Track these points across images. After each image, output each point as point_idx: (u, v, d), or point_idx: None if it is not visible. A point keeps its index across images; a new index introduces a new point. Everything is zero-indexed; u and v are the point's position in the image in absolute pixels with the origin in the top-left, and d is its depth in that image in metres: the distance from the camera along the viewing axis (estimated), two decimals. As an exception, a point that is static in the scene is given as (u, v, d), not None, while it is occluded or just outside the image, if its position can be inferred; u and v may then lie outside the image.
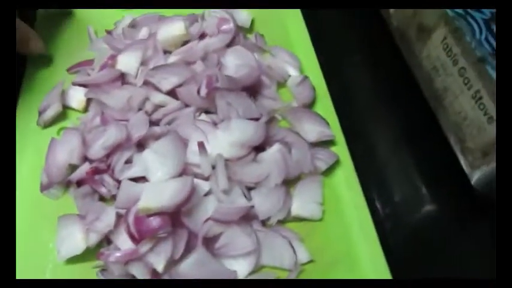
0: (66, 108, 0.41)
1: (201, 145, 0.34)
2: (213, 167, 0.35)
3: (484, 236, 0.38)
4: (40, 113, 0.40)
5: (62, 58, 0.46)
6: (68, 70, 0.44)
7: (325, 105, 0.43)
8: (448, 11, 0.35)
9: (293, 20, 0.51)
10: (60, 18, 0.49)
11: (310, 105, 0.43)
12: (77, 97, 0.41)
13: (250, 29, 0.50)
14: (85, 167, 0.35)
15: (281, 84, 0.45)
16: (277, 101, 0.43)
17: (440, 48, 0.37)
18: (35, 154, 0.38)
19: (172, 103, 0.38)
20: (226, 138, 0.36)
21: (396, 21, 0.45)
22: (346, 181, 0.38)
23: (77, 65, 0.44)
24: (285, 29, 0.50)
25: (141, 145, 0.36)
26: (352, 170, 0.39)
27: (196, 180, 0.34)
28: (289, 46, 0.48)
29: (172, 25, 0.43)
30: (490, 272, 0.32)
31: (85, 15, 0.50)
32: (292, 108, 0.42)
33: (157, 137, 0.36)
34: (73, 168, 0.36)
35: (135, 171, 0.34)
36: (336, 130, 0.41)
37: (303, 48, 0.48)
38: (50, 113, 0.39)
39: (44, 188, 0.36)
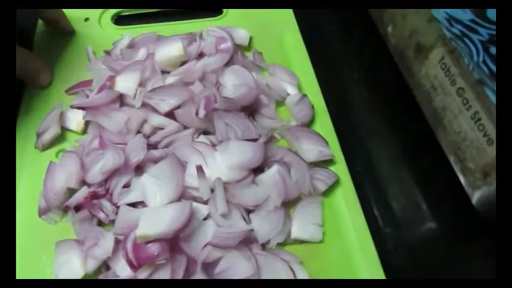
0: (64, 130, 0.41)
1: (199, 169, 0.34)
2: (212, 190, 0.35)
3: (485, 256, 0.38)
4: (38, 136, 0.40)
5: (61, 79, 0.46)
6: (66, 91, 0.44)
7: (324, 124, 0.43)
8: (445, 31, 0.35)
9: (291, 36, 0.51)
10: (59, 38, 0.50)
11: (309, 123, 0.43)
12: (75, 119, 0.41)
13: (249, 46, 0.50)
14: (83, 192, 0.35)
15: (279, 102, 0.45)
16: (275, 120, 0.42)
17: (438, 67, 0.37)
18: (33, 177, 0.38)
19: (171, 125, 0.38)
20: (224, 161, 0.36)
21: (394, 39, 0.45)
22: (346, 201, 0.38)
23: (75, 86, 0.44)
24: (282, 46, 0.50)
25: (139, 168, 0.36)
26: (352, 190, 0.39)
27: (195, 204, 0.33)
28: (288, 64, 0.48)
29: (170, 45, 0.43)
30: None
31: (84, 34, 0.50)
32: (291, 127, 0.42)
33: (155, 161, 0.36)
34: (71, 192, 0.36)
35: (133, 196, 0.33)
36: (335, 149, 0.41)
37: (301, 65, 0.48)
38: (48, 136, 0.39)
39: (42, 212, 0.35)
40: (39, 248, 0.34)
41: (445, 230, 0.40)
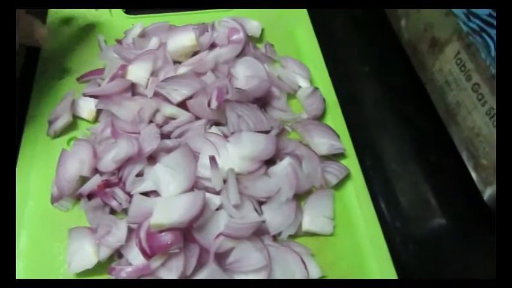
0: (75, 118, 0.41)
1: (212, 159, 0.34)
2: (224, 181, 0.35)
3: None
4: (50, 123, 0.40)
5: (72, 67, 0.46)
6: (77, 79, 0.44)
7: (335, 117, 0.43)
8: (462, 26, 0.34)
9: (303, 29, 0.51)
10: (70, 27, 0.49)
11: (320, 117, 0.43)
12: (87, 107, 0.41)
13: (260, 38, 0.49)
14: (96, 180, 0.35)
15: (291, 95, 0.44)
16: (287, 113, 0.42)
17: (453, 62, 0.36)
18: (44, 164, 0.38)
19: (183, 115, 0.38)
20: (237, 152, 0.36)
21: (407, 34, 0.44)
22: (357, 195, 0.38)
23: (86, 74, 0.44)
24: (294, 38, 0.50)
25: (152, 158, 0.36)
26: (362, 184, 0.39)
27: (207, 195, 0.33)
28: (299, 56, 0.48)
29: (183, 35, 0.43)
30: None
31: (95, 24, 0.50)
32: (302, 120, 0.42)
33: (168, 150, 0.36)
34: (84, 180, 0.36)
35: (146, 185, 0.33)
36: (346, 143, 0.41)
37: (312, 58, 0.48)
38: (59, 124, 0.39)
39: (54, 199, 0.35)
40: (51, 235, 0.34)
41: (455, 226, 0.40)
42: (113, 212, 0.35)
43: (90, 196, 0.34)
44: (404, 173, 0.43)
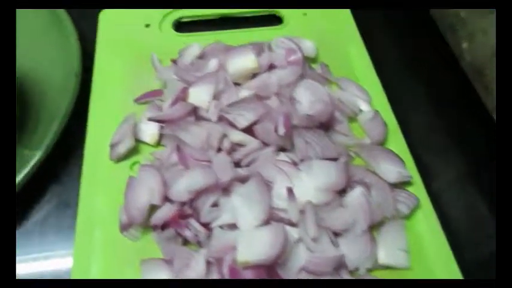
0: (137, 141, 0.40)
1: (290, 191, 0.33)
2: (300, 212, 0.34)
3: None
4: (112, 147, 0.39)
5: (126, 87, 0.45)
6: (135, 101, 0.43)
7: (398, 142, 0.42)
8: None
9: (355, 48, 0.50)
10: (120, 45, 0.49)
11: (382, 142, 0.42)
12: (149, 131, 0.40)
13: (314, 58, 0.49)
14: (168, 209, 0.34)
15: (350, 118, 0.44)
16: (350, 137, 0.42)
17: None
18: (109, 190, 0.38)
19: (252, 142, 0.37)
20: (311, 182, 0.35)
21: (470, 56, 0.44)
22: (428, 224, 0.37)
23: (144, 95, 0.43)
24: (347, 58, 0.49)
25: (224, 187, 0.35)
26: (432, 212, 0.38)
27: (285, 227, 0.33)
28: (354, 77, 0.47)
29: (243, 57, 0.43)
30: None
31: (145, 41, 0.49)
32: (366, 145, 0.41)
33: (240, 179, 0.35)
34: (152, 207, 0.35)
35: (225, 218, 0.33)
36: (411, 169, 0.40)
37: (368, 80, 0.47)
38: (122, 148, 0.39)
39: (123, 228, 0.35)
40: (122, 266, 0.34)
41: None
42: (185, 241, 0.34)
43: (164, 226, 0.34)
44: (459, 196, 0.43)
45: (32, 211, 0.38)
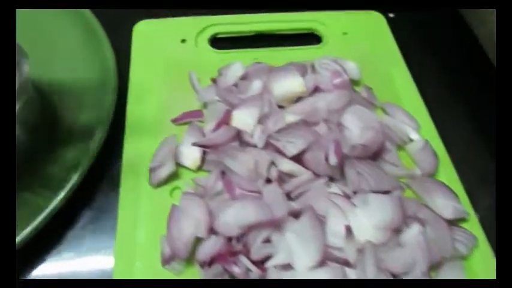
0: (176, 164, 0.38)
1: (348, 229, 0.31)
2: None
3: None
4: (152, 171, 0.37)
5: (162, 106, 0.43)
6: (173, 121, 0.41)
7: (449, 174, 0.40)
8: None
9: (397, 71, 0.48)
10: (155, 60, 0.47)
11: (433, 173, 0.40)
12: (191, 155, 0.38)
13: (357, 81, 0.47)
14: (214, 243, 0.32)
15: (398, 147, 0.42)
16: (399, 168, 0.39)
17: None
18: (149, 218, 0.35)
19: (303, 173, 0.35)
20: (368, 219, 0.33)
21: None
22: (485, 264, 0.35)
23: (183, 116, 0.41)
24: (391, 81, 0.47)
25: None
26: (489, 252, 0.36)
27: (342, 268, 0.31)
28: (399, 102, 0.45)
29: (289, 80, 0.41)
30: None
31: (181, 57, 0.47)
32: (418, 177, 0.39)
33: (292, 213, 0.33)
34: (198, 240, 0.33)
35: (279, 258, 0.30)
36: (465, 204, 0.38)
37: (413, 105, 0.45)
38: (164, 173, 0.37)
39: (166, 261, 0.33)
40: (165, 302, 0.32)
41: None
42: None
43: (211, 262, 0.31)
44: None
45: (66, 237, 0.36)
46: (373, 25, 0.53)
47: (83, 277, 0.34)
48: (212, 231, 0.33)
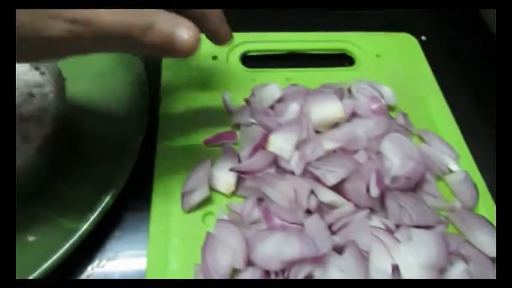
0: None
1: (395, 268, 0.30)
2: (401, 291, 0.30)
3: None
4: (184, 196, 0.36)
5: (194, 125, 0.42)
6: (205, 143, 0.40)
7: (489, 208, 0.39)
8: None
9: (433, 98, 0.47)
10: (185, 76, 0.46)
11: (473, 207, 0.39)
12: (224, 180, 0.36)
13: (393, 106, 0.46)
14: (252, 276, 0.31)
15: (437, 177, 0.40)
16: (438, 200, 0.38)
17: None
18: (180, 244, 0.34)
19: (345, 205, 0.34)
20: (413, 257, 0.31)
21: None
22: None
23: (216, 138, 0.40)
24: (426, 107, 0.46)
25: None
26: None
27: (388, 309, 0.29)
28: (435, 129, 0.44)
29: (328, 105, 0.40)
30: None
31: (213, 74, 0.46)
32: (458, 210, 0.38)
33: (336, 248, 0.31)
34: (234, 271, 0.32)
35: (324, 295, 0.29)
36: (507, 241, 0.37)
37: (451, 135, 0.44)
38: (197, 198, 0.35)
39: (201, 292, 0.31)
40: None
41: None
42: (270, 314, 0.31)
43: (250, 297, 0.30)
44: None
45: (94, 262, 0.35)
46: (406, 47, 0.52)
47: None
48: (249, 262, 0.32)
